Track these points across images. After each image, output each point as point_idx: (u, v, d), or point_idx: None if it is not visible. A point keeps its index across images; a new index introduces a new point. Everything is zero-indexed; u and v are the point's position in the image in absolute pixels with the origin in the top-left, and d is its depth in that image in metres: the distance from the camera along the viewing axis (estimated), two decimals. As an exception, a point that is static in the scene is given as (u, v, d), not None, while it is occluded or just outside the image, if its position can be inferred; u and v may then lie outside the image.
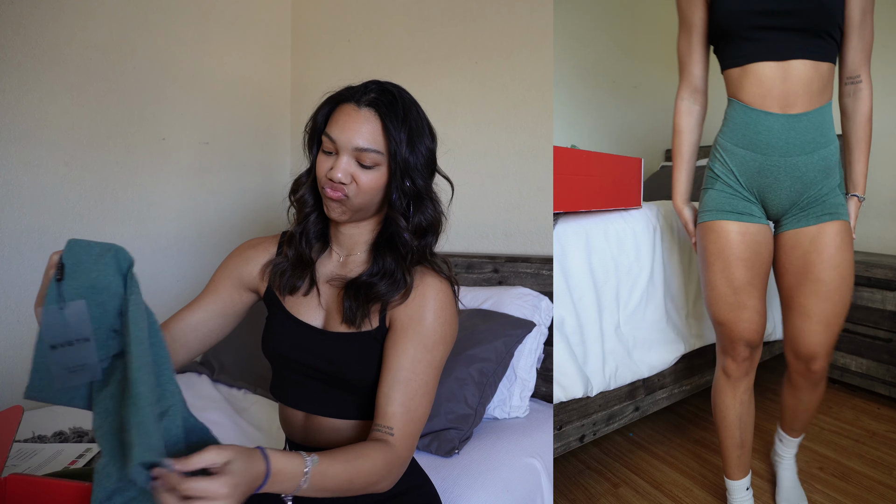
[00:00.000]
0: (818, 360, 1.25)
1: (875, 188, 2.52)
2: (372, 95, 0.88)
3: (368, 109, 0.88)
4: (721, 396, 1.35)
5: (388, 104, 0.88)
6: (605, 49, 2.96)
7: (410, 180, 0.90)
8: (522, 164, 1.99)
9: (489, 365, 1.54)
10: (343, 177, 0.87)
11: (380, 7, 2.40)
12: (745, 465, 1.38)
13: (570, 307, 1.46)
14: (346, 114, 0.88)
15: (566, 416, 1.49)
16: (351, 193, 0.88)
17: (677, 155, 1.38)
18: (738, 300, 1.25)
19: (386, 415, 0.86)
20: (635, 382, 1.63)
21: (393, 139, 0.87)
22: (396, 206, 0.91)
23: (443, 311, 0.91)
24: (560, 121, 2.75)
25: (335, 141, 0.87)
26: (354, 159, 0.88)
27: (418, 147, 0.90)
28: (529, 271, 1.86)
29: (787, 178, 1.19)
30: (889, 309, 2.05)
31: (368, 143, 0.87)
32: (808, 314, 1.21)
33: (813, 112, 1.16)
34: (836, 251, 1.18)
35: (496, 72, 2.06)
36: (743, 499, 1.40)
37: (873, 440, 1.85)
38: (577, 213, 1.57)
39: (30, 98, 1.80)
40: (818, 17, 1.12)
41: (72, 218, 1.92)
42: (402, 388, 0.87)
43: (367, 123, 0.87)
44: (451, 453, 1.38)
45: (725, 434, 1.36)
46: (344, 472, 0.76)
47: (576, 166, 1.49)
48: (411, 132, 0.89)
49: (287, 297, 0.98)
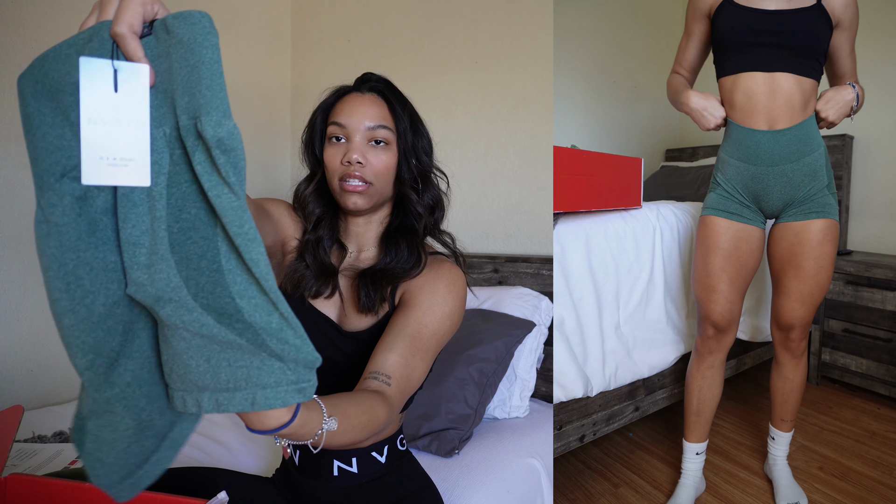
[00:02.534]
0: (795, 329, 1.43)
1: (875, 188, 2.52)
2: (372, 83, 0.93)
3: (372, 94, 0.92)
4: (690, 365, 1.53)
5: (390, 89, 0.93)
6: (605, 49, 2.96)
7: (416, 158, 0.93)
8: (522, 164, 1.99)
9: (489, 365, 1.54)
10: (359, 157, 0.87)
11: (380, 7, 2.40)
12: (700, 432, 1.51)
13: (570, 307, 1.46)
14: (353, 100, 0.91)
15: (566, 416, 1.49)
16: (369, 177, 0.88)
17: (675, 87, 1.48)
18: (710, 283, 1.41)
19: (386, 362, 0.79)
20: (635, 382, 1.63)
21: (400, 119, 0.91)
22: (407, 181, 0.93)
23: (454, 287, 0.91)
24: (560, 121, 2.75)
25: (345, 125, 0.89)
26: (367, 140, 0.89)
27: (420, 129, 0.95)
28: (529, 271, 1.87)
29: (776, 183, 1.35)
30: (889, 309, 2.05)
31: (378, 120, 0.90)
32: (788, 293, 1.41)
33: (796, 126, 1.31)
34: (817, 245, 1.35)
35: (496, 72, 2.06)
36: (691, 460, 1.52)
37: (873, 440, 1.85)
38: (577, 213, 1.57)
39: (30, 98, 1.80)
40: (806, 39, 1.27)
41: (72, 218, 1.93)
42: (407, 341, 0.82)
43: (373, 105, 0.90)
44: (452, 453, 1.38)
45: (686, 399, 1.53)
46: (351, 434, 0.69)
47: (576, 166, 1.49)
48: (412, 115, 0.94)
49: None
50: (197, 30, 0.48)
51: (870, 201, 2.54)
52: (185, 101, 0.49)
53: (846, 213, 2.58)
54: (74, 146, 0.50)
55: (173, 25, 0.49)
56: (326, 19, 2.61)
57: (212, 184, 0.49)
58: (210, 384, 0.51)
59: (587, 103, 2.92)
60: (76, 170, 0.50)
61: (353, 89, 0.93)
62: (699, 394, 1.49)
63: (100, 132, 0.50)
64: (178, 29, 0.49)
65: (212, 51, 0.48)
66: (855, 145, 2.56)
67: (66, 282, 0.50)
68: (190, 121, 0.49)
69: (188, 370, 0.51)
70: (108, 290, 0.53)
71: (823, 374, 2.30)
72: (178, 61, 0.49)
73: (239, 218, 0.48)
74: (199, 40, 0.48)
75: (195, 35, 0.48)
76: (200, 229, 0.51)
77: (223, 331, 0.50)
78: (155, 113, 0.52)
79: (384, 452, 0.95)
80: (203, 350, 0.50)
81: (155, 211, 0.51)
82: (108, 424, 0.56)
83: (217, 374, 0.50)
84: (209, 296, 0.51)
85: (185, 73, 0.49)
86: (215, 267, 0.51)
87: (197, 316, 0.50)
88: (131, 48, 0.49)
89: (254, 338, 0.50)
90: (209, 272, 0.51)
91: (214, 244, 0.51)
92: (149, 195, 0.51)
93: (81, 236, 0.51)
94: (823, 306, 2.26)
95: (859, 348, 2.15)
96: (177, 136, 0.51)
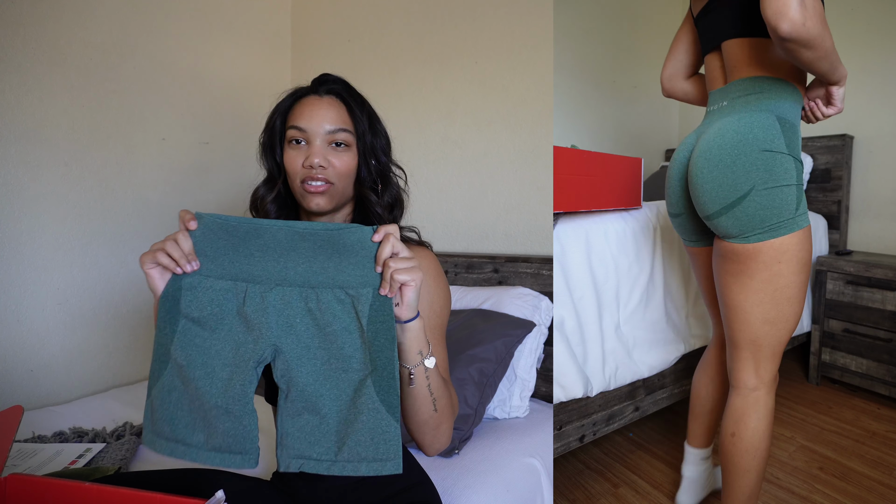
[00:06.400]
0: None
1: (875, 188, 2.52)
2: (330, 85, 0.92)
3: (330, 97, 0.92)
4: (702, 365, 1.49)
5: (347, 91, 0.93)
6: (605, 49, 2.96)
7: (375, 159, 0.94)
8: (522, 164, 1.99)
9: (489, 365, 1.54)
10: (321, 160, 0.88)
11: (380, 7, 2.39)
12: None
13: (570, 307, 1.46)
14: (311, 104, 0.91)
15: (566, 416, 1.49)
16: (332, 178, 0.89)
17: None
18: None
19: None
20: (635, 382, 1.63)
21: (359, 120, 0.91)
22: (366, 182, 0.93)
23: (438, 273, 0.94)
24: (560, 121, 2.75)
25: (305, 129, 0.89)
26: (327, 143, 0.90)
27: (378, 129, 0.95)
28: (529, 271, 1.86)
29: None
30: (889, 309, 2.05)
31: (338, 124, 0.90)
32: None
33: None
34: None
35: (496, 72, 2.06)
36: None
37: (873, 440, 1.85)
38: (577, 213, 1.57)
39: (30, 98, 1.80)
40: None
41: (72, 218, 1.92)
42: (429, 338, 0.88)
43: (332, 108, 0.90)
44: (451, 453, 1.38)
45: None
46: (441, 383, 0.83)
47: (576, 166, 1.49)
48: (370, 116, 0.94)
49: None
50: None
51: (870, 201, 2.54)
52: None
53: (846, 213, 2.58)
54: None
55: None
56: (326, 19, 2.61)
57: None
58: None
59: (587, 103, 2.92)
60: None
61: (311, 91, 0.93)
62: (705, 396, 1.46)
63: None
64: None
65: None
66: (855, 145, 2.56)
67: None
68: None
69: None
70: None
71: (823, 374, 2.30)
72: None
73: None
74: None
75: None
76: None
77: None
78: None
79: None
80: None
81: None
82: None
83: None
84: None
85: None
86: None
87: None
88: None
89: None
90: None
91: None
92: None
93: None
94: (823, 306, 2.26)
95: (859, 348, 2.15)
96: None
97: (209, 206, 2.37)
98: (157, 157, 2.18)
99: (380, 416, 0.73)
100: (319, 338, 0.75)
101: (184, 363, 0.75)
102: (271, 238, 0.76)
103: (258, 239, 0.76)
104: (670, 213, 1.30)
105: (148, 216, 2.14)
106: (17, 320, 1.81)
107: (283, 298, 0.76)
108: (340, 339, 0.75)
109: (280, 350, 0.76)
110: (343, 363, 0.75)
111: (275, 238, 0.76)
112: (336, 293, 0.75)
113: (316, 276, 0.75)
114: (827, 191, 2.57)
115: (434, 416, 0.82)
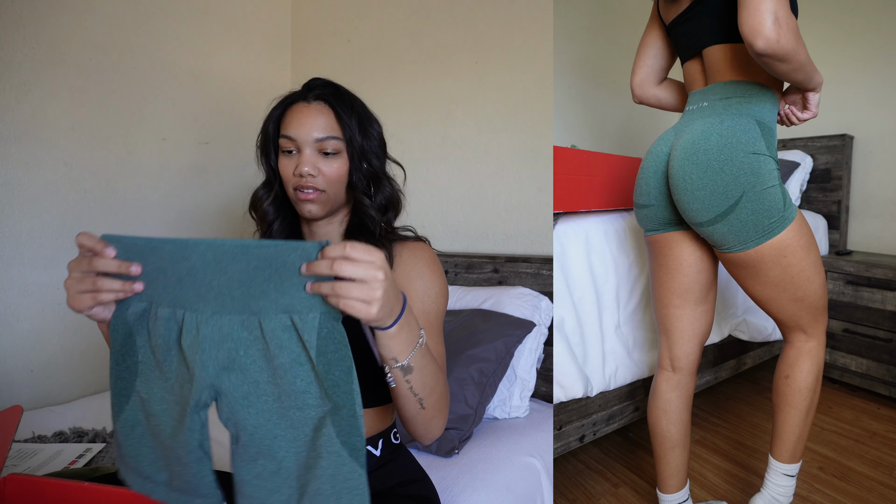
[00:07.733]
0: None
1: (875, 188, 2.52)
2: (318, 91, 0.92)
3: (318, 103, 0.92)
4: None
5: (335, 95, 0.92)
6: (605, 49, 2.96)
7: (367, 162, 0.94)
8: (522, 164, 1.99)
9: (489, 365, 1.54)
10: (310, 169, 0.89)
11: (380, 7, 2.39)
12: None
13: (570, 307, 1.46)
14: (299, 111, 0.91)
15: (566, 416, 1.49)
16: (322, 185, 0.90)
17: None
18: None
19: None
20: (635, 382, 1.63)
21: (347, 126, 0.91)
22: (358, 186, 0.93)
23: (435, 265, 0.94)
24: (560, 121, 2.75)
25: (294, 138, 0.90)
26: (317, 151, 0.90)
27: (370, 131, 0.94)
28: (529, 271, 1.86)
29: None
30: (889, 309, 2.05)
31: (327, 131, 0.90)
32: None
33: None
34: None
35: (496, 72, 2.06)
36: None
37: (873, 440, 1.85)
38: (577, 213, 1.57)
39: (30, 98, 1.80)
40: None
41: (72, 218, 1.92)
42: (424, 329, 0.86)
43: (320, 115, 0.90)
44: (451, 453, 1.38)
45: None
46: (434, 371, 0.79)
47: (576, 166, 1.49)
48: (361, 118, 0.93)
49: None
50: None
51: (870, 201, 2.54)
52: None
53: (846, 213, 2.58)
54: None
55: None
56: (326, 19, 2.61)
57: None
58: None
59: (587, 103, 2.92)
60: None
61: (300, 98, 0.93)
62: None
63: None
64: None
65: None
66: (855, 145, 2.56)
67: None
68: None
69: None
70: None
71: (823, 373, 2.30)
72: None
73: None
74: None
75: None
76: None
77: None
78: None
79: (378, 446, 0.96)
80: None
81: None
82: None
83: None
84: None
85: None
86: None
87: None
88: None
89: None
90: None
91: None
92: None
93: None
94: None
95: (859, 348, 2.15)
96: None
97: (209, 206, 2.37)
98: (157, 157, 2.18)
99: (341, 462, 0.63)
100: (268, 372, 0.65)
101: (146, 397, 0.70)
102: (199, 259, 0.65)
103: (185, 261, 0.66)
104: (638, 203, 1.29)
105: (148, 216, 2.14)
106: (17, 320, 1.81)
107: (220, 330, 0.65)
108: (291, 372, 0.64)
109: (220, 391, 0.66)
110: (297, 400, 0.65)
111: (202, 259, 0.65)
112: (281, 319, 0.64)
113: (256, 300, 0.64)
114: (827, 191, 2.57)
115: (422, 413, 0.81)
